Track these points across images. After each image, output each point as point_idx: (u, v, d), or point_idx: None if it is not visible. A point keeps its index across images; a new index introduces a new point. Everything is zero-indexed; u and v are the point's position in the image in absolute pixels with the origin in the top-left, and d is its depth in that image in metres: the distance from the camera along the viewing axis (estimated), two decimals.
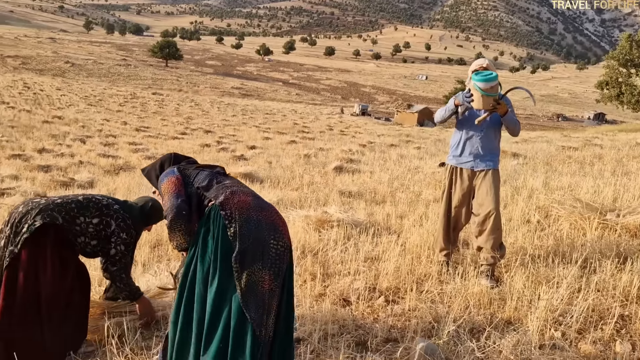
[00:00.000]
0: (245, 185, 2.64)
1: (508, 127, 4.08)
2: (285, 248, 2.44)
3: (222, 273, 2.32)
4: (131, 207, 3.27)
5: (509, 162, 11.36)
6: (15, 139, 22.61)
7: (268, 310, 2.33)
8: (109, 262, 3.08)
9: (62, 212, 2.94)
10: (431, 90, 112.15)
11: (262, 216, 2.42)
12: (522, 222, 5.43)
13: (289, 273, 2.51)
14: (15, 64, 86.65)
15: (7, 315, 2.78)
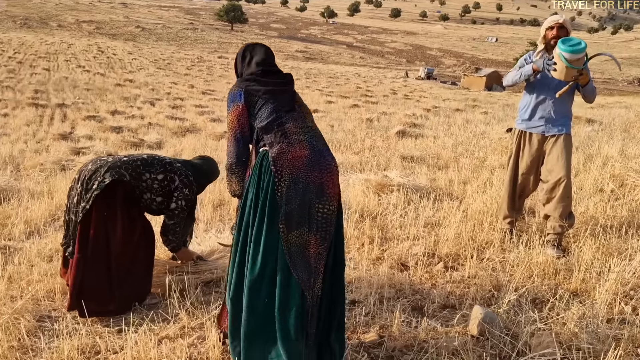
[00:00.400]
0: (307, 128, 2.44)
1: (586, 96, 3.83)
2: (332, 212, 2.36)
3: (269, 228, 2.31)
4: (192, 165, 3.37)
5: (583, 128, 10.77)
6: (90, 101, 23.73)
7: (315, 273, 2.31)
8: (167, 215, 3.18)
9: (128, 169, 3.04)
10: (501, 52, 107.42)
11: (312, 177, 2.34)
12: (595, 191, 5.15)
13: (338, 236, 2.45)
14: (89, 28, 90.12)
15: (81, 267, 2.94)
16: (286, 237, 2.30)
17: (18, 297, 3.11)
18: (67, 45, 57.99)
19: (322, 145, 2.44)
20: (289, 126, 2.40)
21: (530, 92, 3.99)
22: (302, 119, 2.47)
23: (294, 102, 2.51)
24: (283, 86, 2.51)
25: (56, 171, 8.17)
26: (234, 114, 2.44)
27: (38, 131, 15.56)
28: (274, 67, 2.57)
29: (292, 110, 2.46)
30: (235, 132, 2.44)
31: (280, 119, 2.41)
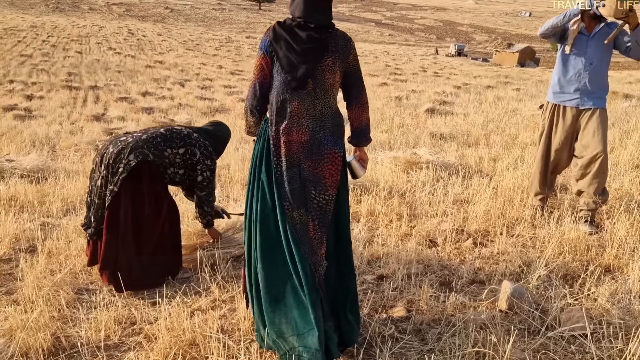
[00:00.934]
0: (315, 112, 2.31)
1: (636, 46, 3.57)
2: (327, 201, 2.34)
3: (273, 199, 2.34)
4: (207, 133, 3.42)
5: (620, 103, 10.45)
6: (122, 83, 24.09)
7: (317, 253, 2.33)
8: (198, 188, 3.26)
9: (151, 147, 3.10)
10: (535, 27, 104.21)
11: (307, 165, 2.32)
12: (631, 167, 5.02)
13: (341, 214, 2.43)
14: (120, 11, 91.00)
15: (111, 248, 3.04)
16: (291, 214, 2.32)
17: (57, 271, 3.23)
18: (99, 28, 58.74)
19: (327, 132, 2.34)
20: (294, 105, 2.31)
21: (563, 64, 3.88)
22: (310, 99, 2.31)
23: (309, 77, 2.29)
24: (304, 56, 2.27)
25: (90, 151, 8.36)
26: (258, 61, 2.39)
27: (72, 113, 15.90)
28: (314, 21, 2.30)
29: (301, 88, 2.30)
30: (256, 77, 2.39)
31: (285, 95, 2.31)
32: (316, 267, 2.34)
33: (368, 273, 3.20)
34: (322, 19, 2.31)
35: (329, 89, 2.34)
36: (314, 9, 2.30)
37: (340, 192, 2.41)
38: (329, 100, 2.36)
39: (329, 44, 2.31)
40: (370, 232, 3.84)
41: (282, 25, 2.33)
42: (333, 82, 2.34)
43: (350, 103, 2.45)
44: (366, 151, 2.60)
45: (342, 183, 2.42)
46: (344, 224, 2.45)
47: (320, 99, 2.33)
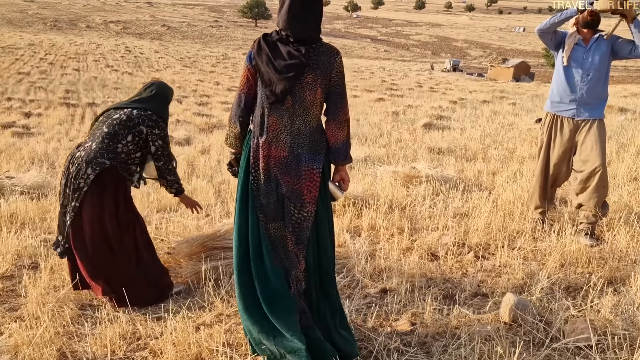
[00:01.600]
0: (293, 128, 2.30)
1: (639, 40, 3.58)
2: (306, 217, 2.35)
3: (252, 210, 2.37)
4: (146, 102, 3.26)
5: (616, 117, 10.55)
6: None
7: (295, 265, 2.36)
8: (154, 159, 3.17)
9: (104, 153, 3.02)
10: (529, 43, 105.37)
11: (284, 181, 2.33)
12: (629, 180, 5.07)
13: (321, 230, 2.43)
14: (117, 28, 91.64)
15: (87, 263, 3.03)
16: (266, 227, 2.36)
17: (60, 287, 3.23)
18: (96, 46, 59.12)
19: (305, 149, 2.33)
20: (272, 120, 2.31)
21: (561, 74, 3.92)
22: (289, 116, 2.29)
23: (288, 94, 2.26)
24: (283, 73, 2.23)
25: None
26: (244, 72, 2.39)
27: (70, 130, 15.95)
28: (295, 34, 2.26)
29: (279, 103, 2.28)
30: (241, 89, 2.39)
31: (265, 109, 2.31)
32: (296, 280, 2.37)
33: (371, 287, 3.21)
34: (304, 33, 2.27)
35: (308, 106, 2.31)
36: (297, 22, 2.26)
37: (319, 209, 2.41)
38: (309, 118, 2.33)
39: (309, 61, 2.26)
40: (372, 246, 3.85)
41: (266, 39, 2.32)
42: (313, 99, 2.31)
43: (327, 120, 2.41)
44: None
45: (322, 200, 2.41)
46: (324, 241, 2.44)
47: (299, 116, 2.31)
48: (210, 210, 4.83)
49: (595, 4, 3.58)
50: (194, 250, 3.54)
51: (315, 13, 2.30)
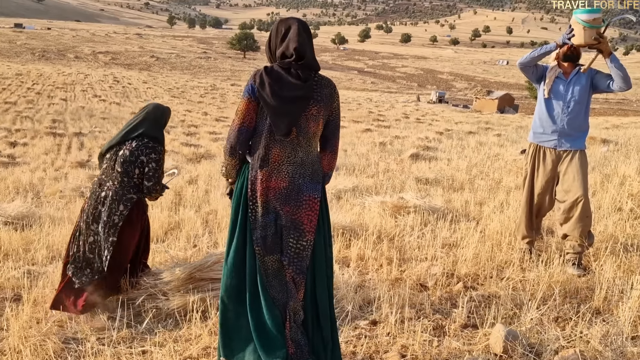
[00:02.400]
0: (295, 158, 2.33)
1: (617, 74, 3.68)
2: (305, 247, 2.36)
3: (250, 243, 2.36)
4: (137, 127, 3.43)
5: (598, 148, 10.72)
6: (106, 130, 24.14)
7: (295, 296, 2.35)
8: (146, 178, 3.39)
9: (129, 190, 3.38)
10: (512, 75, 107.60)
11: (283, 211, 2.33)
12: (613, 210, 5.12)
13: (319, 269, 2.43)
14: (105, 59, 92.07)
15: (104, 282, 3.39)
16: (262, 260, 2.34)
17: (43, 320, 3.16)
18: (84, 76, 59.24)
19: (307, 179, 2.36)
20: (275, 152, 2.32)
21: (543, 106, 4.01)
22: (292, 147, 2.33)
23: (294, 125, 2.31)
24: (289, 105, 2.28)
25: (75, 198, 8.30)
26: (244, 105, 2.33)
27: (56, 159, 15.85)
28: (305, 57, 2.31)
29: (285, 136, 2.31)
30: (242, 122, 2.34)
31: (268, 141, 2.32)
32: (294, 312, 2.35)
33: (360, 318, 3.18)
34: (312, 56, 2.34)
35: (311, 137, 2.37)
36: (308, 47, 2.32)
37: (317, 237, 2.42)
38: (311, 148, 2.38)
39: (314, 93, 2.32)
40: (361, 277, 3.83)
41: (269, 72, 2.32)
42: (316, 130, 2.37)
43: (325, 149, 2.48)
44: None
45: (319, 229, 2.42)
46: (320, 270, 2.44)
47: (303, 147, 2.35)
48: (197, 241, 4.79)
49: (572, 39, 3.70)
50: (181, 281, 3.49)
51: (312, 40, 2.39)
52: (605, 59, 3.72)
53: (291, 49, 2.30)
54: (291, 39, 2.31)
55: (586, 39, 3.62)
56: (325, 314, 2.45)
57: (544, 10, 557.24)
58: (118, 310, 3.18)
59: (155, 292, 3.57)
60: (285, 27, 2.35)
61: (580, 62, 3.95)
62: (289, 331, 2.35)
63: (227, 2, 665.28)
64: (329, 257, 2.51)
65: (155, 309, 3.30)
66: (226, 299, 2.39)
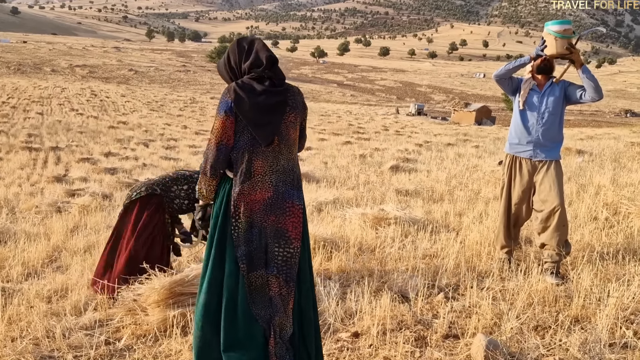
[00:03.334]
0: (278, 167, 2.34)
1: (589, 85, 3.76)
2: (292, 254, 2.36)
3: (231, 260, 2.33)
4: None
5: (574, 159, 10.92)
6: (84, 144, 23.83)
7: (280, 311, 2.34)
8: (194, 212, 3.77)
9: (159, 184, 4.04)
10: (489, 88, 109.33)
11: (269, 222, 2.33)
12: (589, 219, 5.21)
13: (304, 276, 2.44)
14: (83, 72, 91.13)
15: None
16: (247, 276, 2.32)
17: (18, 338, 3.08)
18: (61, 90, 58.53)
19: (289, 186, 2.37)
20: (258, 164, 2.33)
21: (518, 117, 4.08)
22: (274, 155, 2.34)
23: (276, 133, 2.34)
24: (269, 114, 2.31)
25: (52, 213, 8.15)
26: (221, 122, 2.32)
27: (32, 174, 15.56)
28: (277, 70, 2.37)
29: (269, 143, 2.33)
30: (220, 140, 2.32)
31: (250, 154, 2.32)
32: (280, 327, 2.33)
33: (342, 331, 3.17)
34: (279, 69, 2.40)
35: (292, 144, 2.40)
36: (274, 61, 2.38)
37: (303, 251, 2.43)
38: (292, 155, 2.41)
39: (288, 100, 2.38)
40: (342, 289, 3.82)
41: (242, 86, 2.32)
42: (295, 137, 2.42)
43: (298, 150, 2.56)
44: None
45: (306, 242, 2.44)
46: (304, 281, 2.44)
47: (284, 155, 2.37)
48: None
49: (545, 50, 3.80)
50: (161, 296, 3.44)
51: None
52: (577, 70, 3.81)
53: (262, 57, 2.35)
54: (259, 50, 2.38)
55: (558, 48, 3.72)
56: (309, 323, 2.44)
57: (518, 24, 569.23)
58: (96, 327, 3.12)
59: (134, 307, 3.52)
60: (247, 43, 2.42)
61: (554, 75, 4.05)
62: (274, 347, 2.33)
63: (206, 16, 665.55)
64: (312, 268, 2.51)
65: (134, 325, 3.25)
66: (201, 319, 2.34)
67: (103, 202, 9.03)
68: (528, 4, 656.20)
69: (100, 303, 3.62)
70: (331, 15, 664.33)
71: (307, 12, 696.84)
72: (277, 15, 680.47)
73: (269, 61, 2.35)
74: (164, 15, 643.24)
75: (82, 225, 6.87)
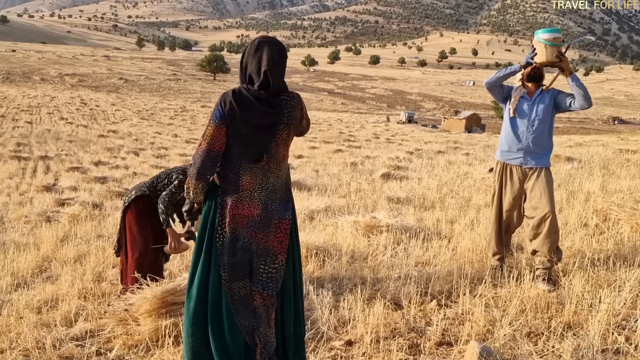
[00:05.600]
0: (267, 184, 2.32)
1: (578, 93, 3.80)
2: (277, 270, 2.35)
3: (215, 267, 2.32)
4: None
5: (563, 166, 11.00)
6: (73, 153, 23.68)
7: (265, 322, 2.33)
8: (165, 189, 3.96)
9: (147, 185, 4.13)
10: (479, 96, 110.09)
11: (255, 239, 2.31)
12: (579, 226, 5.25)
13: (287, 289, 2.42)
14: (72, 81, 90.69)
15: None
16: (229, 286, 2.30)
17: (8, 349, 3.04)
18: (50, 98, 58.19)
19: (277, 203, 2.35)
20: (245, 180, 2.30)
21: (509, 125, 4.12)
22: (263, 173, 2.32)
23: (265, 152, 2.30)
24: (260, 133, 2.27)
25: (41, 222, 8.08)
26: (214, 130, 2.29)
27: (21, 183, 15.43)
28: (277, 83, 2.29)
29: (256, 162, 2.30)
30: (211, 146, 2.29)
31: (238, 168, 2.29)
32: (264, 338, 2.32)
33: (336, 339, 3.16)
34: (281, 82, 2.32)
35: (281, 160, 2.36)
36: (278, 73, 2.30)
37: (293, 259, 2.42)
38: (281, 172, 2.37)
39: (283, 116, 2.31)
40: (335, 297, 3.82)
41: (238, 98, 2.28)
42: (285, 153, 2.37)
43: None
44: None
45: (288, 251, 2.41)
46: (288, 294, 2.43)
47: (273, 172, 2.34)
48: (169, 264, 4.71)
49: (535, 58, 3.84)
50: (152, 306, 3.41)
51: (286, 63, 2.38)
52: (566, 78, 3.85)
53: (261, 72, 2.28)
54: (260, 65, 2.29)
55: (548, 56, 3.76)
56: (290, 336, 2.43)
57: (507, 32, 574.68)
58: (87, 338, 3.09)
59: (125, 317, 3.49)
60: (258, 46, 2.32)
61: (544, 83, 4.09)
62: (260, 356, 2.32)
63: (196, 25, 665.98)
64: (298, 280, 2.49)
65: (125, 335, 3.22)
66: (191, 326, 2.32)
67: (93, 212, 8.97)
68: (516, 13, 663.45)
69: (90, 313, 3.58)
70: (322, 24, 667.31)
71: (298, 21, 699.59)
72: (268, 24, 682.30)
73: (264, 78, 2.27)
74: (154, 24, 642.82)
75: (72, 234, 6.81)
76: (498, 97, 4.17)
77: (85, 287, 4.20)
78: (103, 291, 4.11)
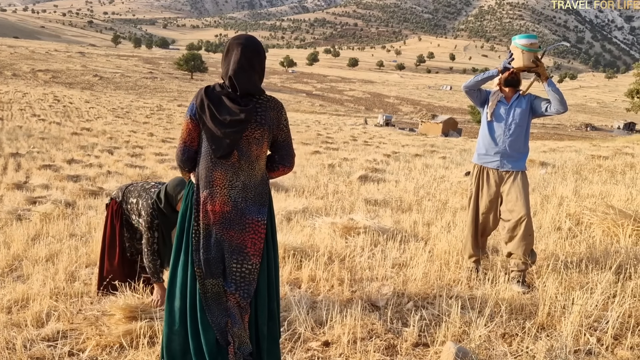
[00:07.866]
0: (237, 182, 2.31)
1: (554, 97, 3.88)
2: (251, 271, 2.35)
3: (192, 263, 2.34)
4: (161, 190, 3.56)
5: (537, 171, 11.19)
6: (45, 150, 23.19)
7: (240, 322, 2.33)
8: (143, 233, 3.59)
9: (123, 189, 3.84)
10: (455, 100, 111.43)
11: (227, 236, 2.32)
12: (553, 229, 5.34)
13: (262, 290, 2.43)
14: (46, 77, 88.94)
15: None
16: (202, 282, 2.31)
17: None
18: (22, 94, 56.94)
19: (250, 202, 2.34)
20: (217, 175, 2.31)
21: (485, 128, 4.18)
22: (234, 171, 2.31)
23: (233, 148, 2.29)
24: (228, 129, 2.25)
25: (12, 221, 7.88)
26: (186, 125, 2.35)
27: None
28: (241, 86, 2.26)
29: (225, 158, 2.29)
30: (184, 141, 2.37)
31: (209, 164, 2.30)
32: (238, 339, 2.33)
33: (313, 340, 3.16)
34: (250, 85, 2.28)
35: (254, 160, 2.34)
36: (245, 75, 2.26)
37: (269, 257, 2.43)
38: (254, 172, 2.35)
39: (257, 116, 2.29)
40: (312, 298, 3.81)
41: (210, 94, 2.29)
42: (259, 153, 2.35)
43: (284, 165, 2.46)
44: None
45: (264, 252, 2.41)
46: (262, 296, 2.43)
47: (244, 171, 2.33)
48: None
49: (512, 63, 3.90)
50: (127, 305, 3.36)
51: (261, 67, 2.33)
52: (542, 83, 3.92)
53: (227, 77, 2.30)
54: (229, 67, 2.29)
55: (525, 61, 3.83)
56: (263, 337, 2.43)
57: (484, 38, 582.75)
58: (59, 338, 3.03)
59: (99, 315, 3.42)
60: (232, 46, 2.31)
61: (521, 88, 4.16)
62: (233, 356, 2.31)
63: (174, 23, 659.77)
64: (273, 281, 2.48)
65: (99, 336, 3.16)
66: (172, 322, 2.32)
67: (66, 210, 8.79)
68: (493, 19, 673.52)
69: (62, 313, 3.51)
70: (301, 25, 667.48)
71: (277, 22, 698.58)
72: (247, 24, 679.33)
73: (230, 83, 2.28)
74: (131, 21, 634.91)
75: (44, 233, 6.67)
76: (476, 101, 4.23)
77: (57, 287, 4.11)
78: (75, 291, 4.03)
